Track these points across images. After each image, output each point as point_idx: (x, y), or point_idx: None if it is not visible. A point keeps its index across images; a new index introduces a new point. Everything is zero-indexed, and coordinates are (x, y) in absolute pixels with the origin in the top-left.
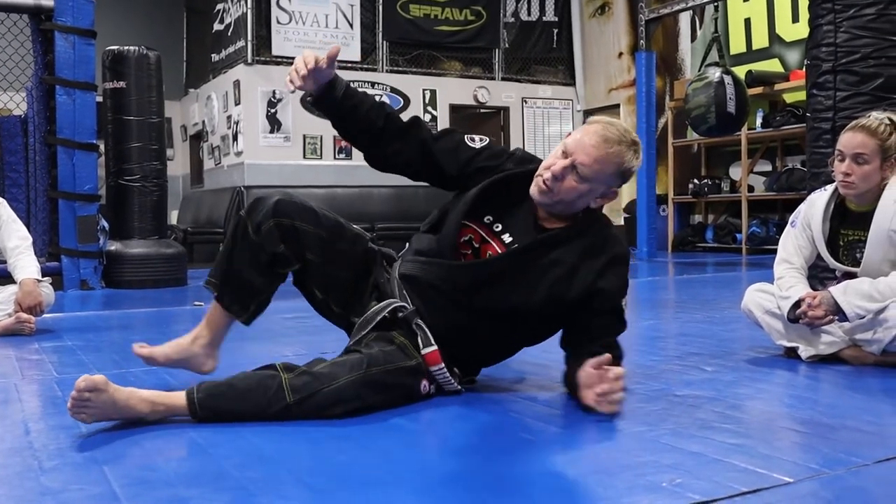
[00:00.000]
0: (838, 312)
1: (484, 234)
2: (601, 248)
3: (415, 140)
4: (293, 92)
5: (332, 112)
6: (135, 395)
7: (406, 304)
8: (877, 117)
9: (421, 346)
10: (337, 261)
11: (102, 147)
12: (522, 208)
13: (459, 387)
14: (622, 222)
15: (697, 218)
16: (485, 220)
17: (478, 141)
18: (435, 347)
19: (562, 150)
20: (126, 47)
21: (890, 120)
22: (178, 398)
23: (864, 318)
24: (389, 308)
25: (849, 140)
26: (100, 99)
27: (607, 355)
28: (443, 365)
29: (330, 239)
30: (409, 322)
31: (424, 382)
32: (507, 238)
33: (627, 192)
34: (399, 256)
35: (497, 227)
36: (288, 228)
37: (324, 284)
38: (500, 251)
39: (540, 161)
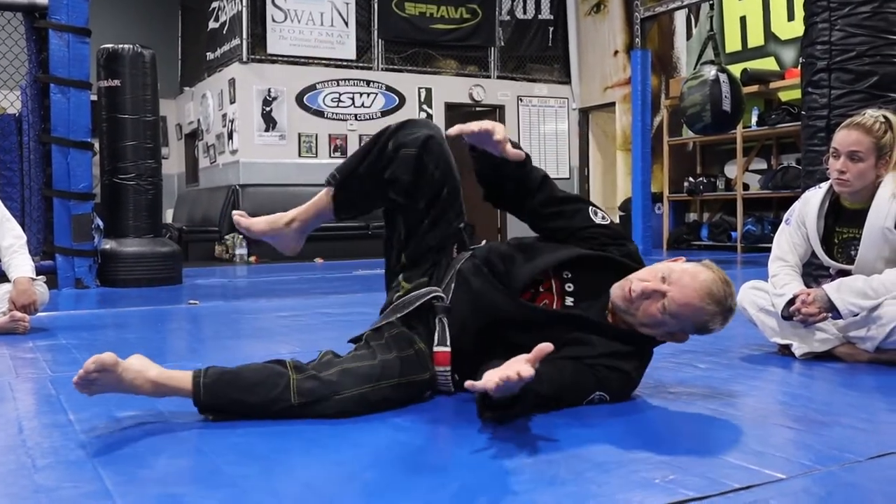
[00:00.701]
0: (832, 310)
1: (554, 286)
2: (625, 359)
3: (546, 211)
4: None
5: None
6: (141, 376)
7: (444, 297)
8: (872, 115)
9: (436, 341)
10: (437, 223)
11: (97, 145)
12: (602, 298)
13: (454, 389)
14: (618, 220)
15: (693, 216)
16: (564, 274)
17: (600, 217)
18: (448, 349)
19: (662, 275)
20: (121, 45)
21: (885, 118)
22: (185, 381)
23: (857, 315)
24: (429, 296)
25: (844, 138)
26: (94, 97)
27: (549, 345)
28: (449, 368)
29: (447, 200)
30: (437, 314)
31: (428, 392)
32: (569, 301)
33: (623, 189)
34: (472, 249)
35: (569, 287)
36: (422, 166)
37: (411, 233)
38: (556, 308)
39: (641, 264)
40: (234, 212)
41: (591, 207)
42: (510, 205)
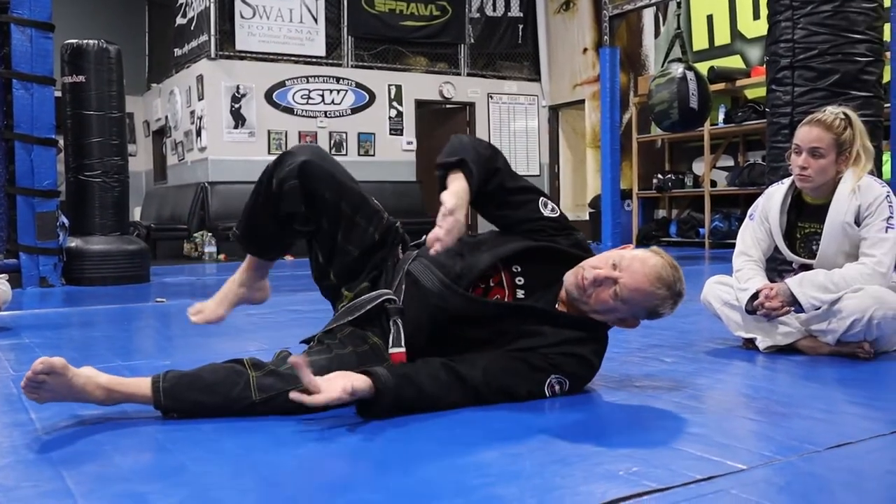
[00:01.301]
0: (794, 304)
1: (504, 280)
2: (578, 344)
3: (497, 198)
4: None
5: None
6: (92, 382)
7: (396, 299)
8: (832, 112)
9: (391, 343)
10: (349, 235)
11: (62, 142)
12: (553, 287)
13: None
14: (587, 217)
15: (661, 212)
16: (513, 268)
17: (549, 209)
18: (403, 349)
19: (613, 262)
20: (85, 41)
21: (845, 114)
22: (139, 386)
23: (819, 308)
24: (380, 300)
25: (805, 134)
26: (58, 93)
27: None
28: None
29: (349, 212)
30: (390, 317)
31: None
32: (520, 294)
33: (593, 186)
34: (415, 246)
35: (519, 280)
36: (310, 192)
37: (329, 253)
38: (507, 301)
39: (591, 254)
40: (189, 310)
41: (541, 199)
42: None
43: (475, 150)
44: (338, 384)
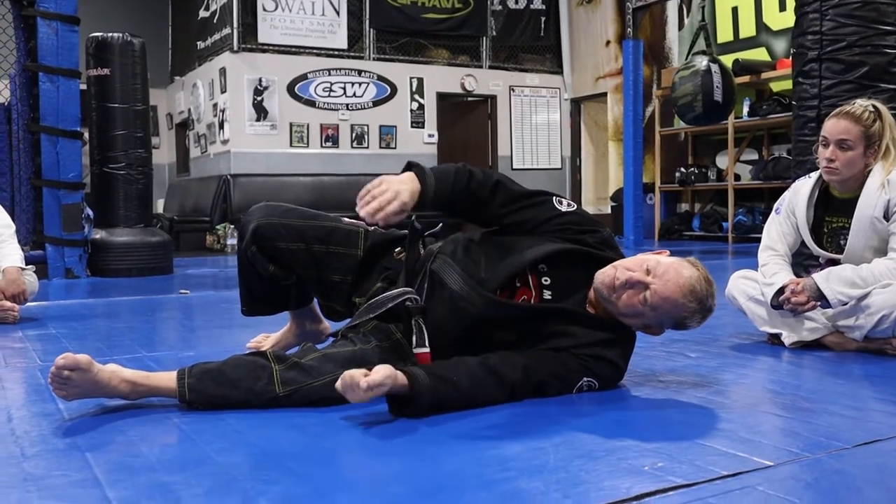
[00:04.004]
0: (821, 299)
1: (531, 280)
2: (608, 346)
3: (508, 209)
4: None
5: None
6: (117, 376)
7: (418, 298)
8: (861, 104)
9: (415, 343)
10: (332, 266)
11: (87, 135)
12: (581, 289)
13: None
14: (609, 211)
15: (684, 206)
16: (540, 267)
17: (566, 205)
18: (427, 350)
19: (648, 267)
20: (110, 34)
21: (874, 107)
22: (163, 380)
23: (846, 304)
24: (402, 298)
25: (833, 126)
26: (83, 86)
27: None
28: None
29: (322, 248)
30: (412, 316)
31: None
32: (546, 294)
33: (615, 180)
34: (431, 235)
35: (545, 280)
36: (271, 251)
37: (323, 292)
38: (533, 302)
39: (620, 253)
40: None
41: (555, 197)
42: (468, 218)
43: (454, 169)
44: (383, 370)
